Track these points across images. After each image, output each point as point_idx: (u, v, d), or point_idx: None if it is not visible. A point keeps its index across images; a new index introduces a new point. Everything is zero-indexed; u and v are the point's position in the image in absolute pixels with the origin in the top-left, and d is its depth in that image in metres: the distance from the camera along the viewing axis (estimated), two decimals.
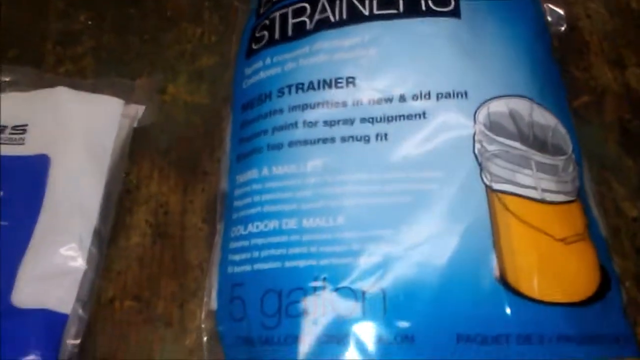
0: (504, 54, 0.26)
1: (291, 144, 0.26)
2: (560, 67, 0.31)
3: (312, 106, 0.26)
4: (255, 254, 0.25)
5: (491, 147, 0.24)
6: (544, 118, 0.26)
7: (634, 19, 0.37)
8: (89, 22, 0.39)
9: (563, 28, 0.35)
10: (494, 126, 0.25)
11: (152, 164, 0.34)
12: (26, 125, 0.32)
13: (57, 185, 0.30)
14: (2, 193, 0.30)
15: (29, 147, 0.31)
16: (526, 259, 0.23)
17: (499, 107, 0.25)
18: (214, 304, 0.27)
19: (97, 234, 0.30)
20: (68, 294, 0.28)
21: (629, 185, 0.32)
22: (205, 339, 0.27)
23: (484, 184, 0.24)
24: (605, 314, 0.24)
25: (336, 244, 0.24)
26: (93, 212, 0.30)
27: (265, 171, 0.26)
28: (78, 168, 0.30)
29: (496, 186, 0.24)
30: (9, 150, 0.31)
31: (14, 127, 0.32)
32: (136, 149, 0.34)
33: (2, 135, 0.32)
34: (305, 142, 0.25)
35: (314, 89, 0.26)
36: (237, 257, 0.26)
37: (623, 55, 0.36)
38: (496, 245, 0.23)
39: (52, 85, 0.34)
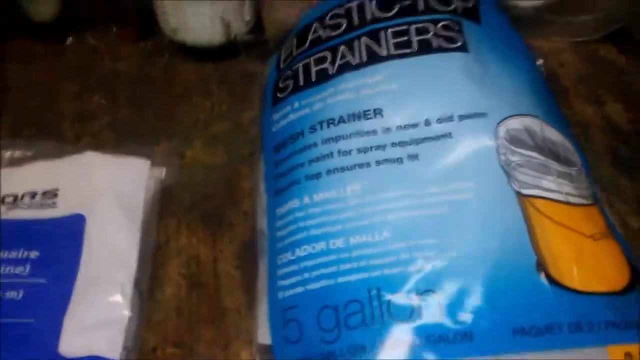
0: (509, 82, 0.29)
1: (329, 172, 0.27)
2: None
3: (345, 137, 0.28)
4: (306, 275, 0.26)
5: (514, 158, 0.27)
6: (553, 134, 0.29)
7: (603, 64, 0.42)
8: (102, 101, 0.42)
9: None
10: (513, 140, 0.27)
11: (179, 220, 0.35)
12: (57, 189, 0.33)
13: (94, 240, 0.31)
14: (38, 253, 0.30)
15: (62, 209, 0.32)
16: (564, 254, 0.25)
17: (515, 124, 0.28)
18: (262, 338, 0.27)
19: (137, 284, 0.30)
20: (115, 341, 0.27)
21: (627, 201, 0.34)
22: None
23: (514, 190, 0.26)
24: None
25: (385, 256, 0.25)
26: (132, 263, 0.30)
27: (306, 199, 0.27)
28: (113, 223, 0.31)
29: (525, 191, 0.26)
30: (41, 214, 0.32)
31: (44, 193, 0.33)
32: (162, 208, 0.35)
33: (33, 201, 0.33)
34: (343, 169, 0.27)
35: (344, 122, 0.28)
36: (286, 282, 0.26)
37: (599, 94, 0.40)
38: (534, 243, 0.25)
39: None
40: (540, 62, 0.39)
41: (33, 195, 0.33)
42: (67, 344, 0.27)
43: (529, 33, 0.35)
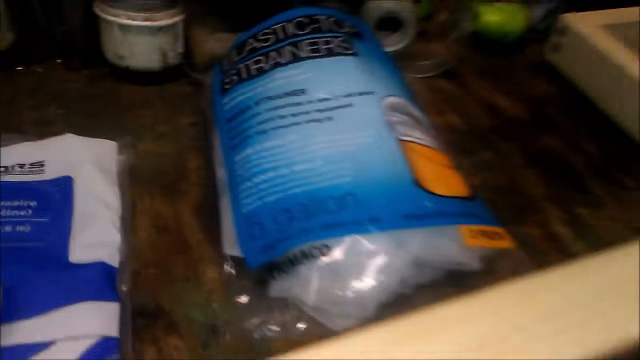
0: (385, 76, 0.44)
1: (273, 129, 0.39)
2: None
3: (282, 107, 0.40)
4: (263, 193, 0.37)
5: (394, 119, 0.41)
6: (415, 110, 0.43)
7: (440, 91, 0.59)
8: (59, 112, 0.50)
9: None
10: (392, 107, 0.41)
11: (141, 190, 0.44)
12: (43, 161, 0.41)
13: (83, 191, 0.39)
14: (36, 203, 0.38)
15: (49, 174, 0.40)
16: (429, 174, 0.38)
17: (392, 100, 0.42)
18: (228, 250, 0.37)
19: (122, 222, 0.38)
20: (113, 253, 0.36)
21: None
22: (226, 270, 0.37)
23: (396, 137, 0.39)
24: (480, 206, 0.40)
25: (318, 176, 0.37)
26: (116, 205, 0.39)
27: (257, 147, 0.39)
28: (96, 180, 0.40)
29: (403, 137, 0.40)
30: (32, 178, 0.40)
31: (32, 164, 0.41)
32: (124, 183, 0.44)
33: (23, 169, 0.40)
34: (283, 126, 0.39)
35: (280, 97, 0.40)
36: (248, 200, 0.37)
37: (442, 109, 0.56)
38: (410, 168, 0.38)
39: None
40: None
41: (22, 165, 0.40)
42: (75, 256, 0.35)
43: None
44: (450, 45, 0.62)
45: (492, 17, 0.63)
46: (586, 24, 0.56)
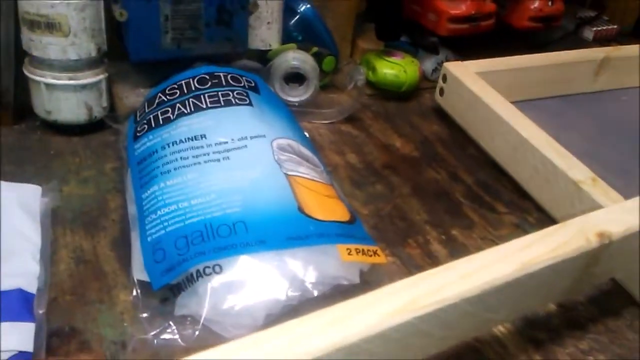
0: (277, 121, 0.51)
1: (175, 169, 0.45)
2: None
3: (184, 150, 0.47)
4: (165, 223, 0.43)
5: (282, 157, 0.47)
6: (304, 150, 0.50)
7: (343, 134, 0.67)
8: None
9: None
10: (280, 148, 0.48)
11: (64, 227, 0.49)
12: None
13: (6, 229, 0.44)
14: None
15: None
16: (311, 202, 0.45)
17: (282, 141, 0.49)
18: (137, 275, 0.43)
19: (42, 256, 0.44)
20: (31, 281, 0.41)
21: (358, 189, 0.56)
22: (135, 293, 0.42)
23: (283, 172, 0.46)
24: (359, 228, 0.46)
25: (213, 207, 0.43)
26: (37, 240, 0.44)
27: (162, 184, 0.45)
28: (19, 217, 0.45)
29: (290, 173, 0.46)
30: None
31: None
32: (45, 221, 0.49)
33: None
34: (184, 167, 0.46)
35: (183, 142, 0.47)
36: (153, 230, 0.43)
37: (342, 149, 0.64)
38: (295, 197, 0.45)
39: None
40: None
41: None
42: None
43: (298, 117, 0.58)
44: (352, 95, 0.70)
45: (388, 70, 0.71)
46: (463, 71, 0.65)
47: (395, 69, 0.71)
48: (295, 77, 0.67)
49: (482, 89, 0.63)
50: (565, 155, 0.55)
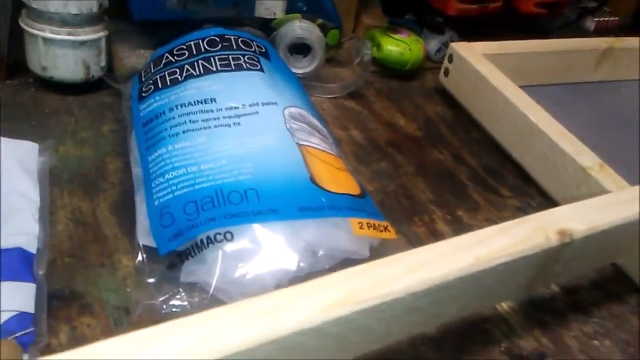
0: (288, 89, 0.49)
1: (184, 132, 0.44)
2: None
3: (193, 113, 0.45)
4: (174, 187, 0.41)
5: (294, 126, 0.46)
6: (314, 120, 0.49)
7: (347, 109, 0.65)
8: None
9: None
10: (292, 117, 0.46)
11: (61, 188, 0.47)
12: None
13: (5, 187, 0.42)
14: None
15: None
16: (323, 174, 0.44)
17: (293, 110, 0.47)
18: (142, 239, 0.41)
19: (41, 215, 0.41)
20: (31, 240, 0.39)
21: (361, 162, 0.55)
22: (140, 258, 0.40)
23: (295, 141, 0.45)
24: (369, 203, 0.45)
25: (223, 173, 0.41)
26: (35, 199, 0.42)
27: (170, 147, 0.43)
28: (17, 176, 0.43)
29: (301, 142, 0.45)
30: None
31: None
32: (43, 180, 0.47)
33: None
34: (193, 130, 0.44)
35: (192, 105, 0.45)
36: (160, 194, 0.41)
37: (346, 125, 0.63)
38: (307, 168, 0.44)
39: None
40: None
41: None
42: None
43: None
44: (355, 70, 0.68)
45: (393, 47, 0.70)
46: (470, 52, 0.64)
47: (401, 46, 0.70)
48: (299, 49, 0.65)
49: (490, 71, 0.62)
50: (573, 140, 0.55)
